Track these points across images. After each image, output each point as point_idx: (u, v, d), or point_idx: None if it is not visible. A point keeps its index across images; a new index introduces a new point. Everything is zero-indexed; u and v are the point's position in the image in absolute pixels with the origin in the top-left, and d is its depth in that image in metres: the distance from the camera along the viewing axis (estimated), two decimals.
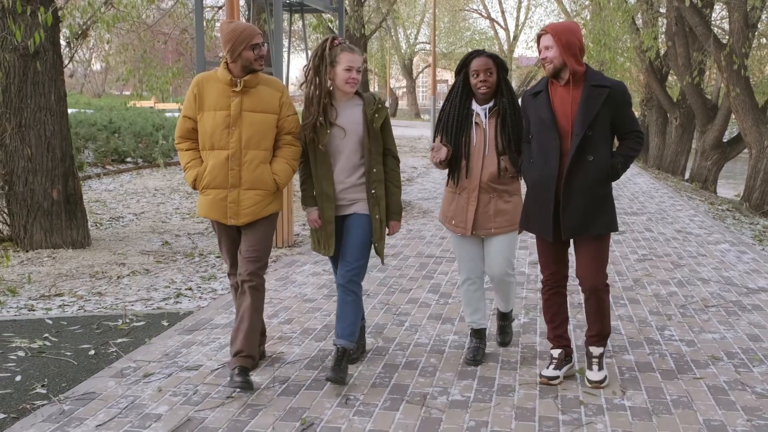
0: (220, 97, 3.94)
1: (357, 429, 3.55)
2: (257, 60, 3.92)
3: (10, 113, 7.42)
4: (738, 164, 28.22)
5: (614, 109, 3.89)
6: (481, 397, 3.94)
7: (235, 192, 3.97)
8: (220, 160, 3.94)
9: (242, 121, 3.93)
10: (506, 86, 4.20)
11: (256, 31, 3.91)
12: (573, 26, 3.90)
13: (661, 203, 11.72)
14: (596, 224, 3.94)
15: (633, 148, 3.97)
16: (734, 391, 4.03)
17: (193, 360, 4.50)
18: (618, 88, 3.88)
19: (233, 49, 3.87)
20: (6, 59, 7.28)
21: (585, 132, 3.83)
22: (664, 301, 5.83)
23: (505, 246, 4.28)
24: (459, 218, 4.29)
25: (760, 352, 4.64)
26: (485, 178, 4.20)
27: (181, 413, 3.74)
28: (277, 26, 9.66)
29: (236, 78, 3.93)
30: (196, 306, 5.76)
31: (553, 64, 3.86)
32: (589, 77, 3.90)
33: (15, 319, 5.39)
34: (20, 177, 7.51)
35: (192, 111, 4.01)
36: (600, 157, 3.88)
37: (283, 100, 4.04)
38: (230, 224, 4.04)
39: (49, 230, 7.57)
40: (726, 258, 7.45)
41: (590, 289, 4.03)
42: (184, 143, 4.08)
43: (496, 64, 4.17)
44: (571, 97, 3.89)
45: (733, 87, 15.16)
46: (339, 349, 4.06)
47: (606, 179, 3.92)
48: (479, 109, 4.20)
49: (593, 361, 4.14)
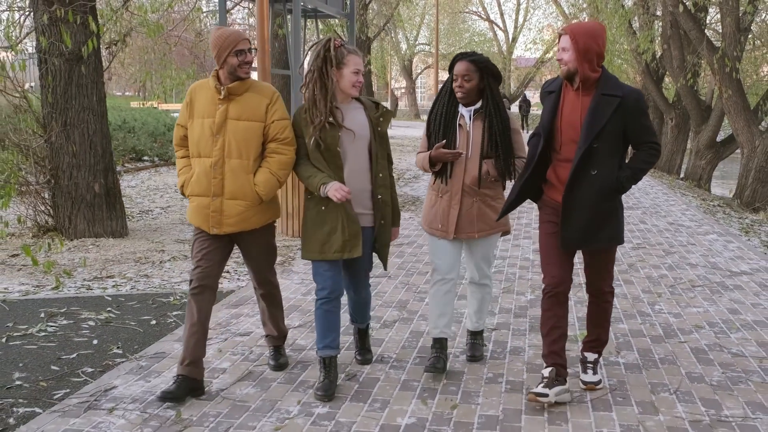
0: (208, 105, 3.91)
1: (393, 379, 4.22)
2: (241, 66, 3.86)
3: (56, 113, 8.07)
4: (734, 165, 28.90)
5: (627, 119, 3.70)
6: (496, 356, 4.61)
7: (217, 201, 3.90)
8: (205, 168, 3.91)
9: (226, 129, 3.87)
10: (490, 91, 4.09)
11: (241, 36, 3.86)
12: (595, 29, 3.68)
13: (655, 198, 12.41)
14: (599, 238, 3.81)
15: (645, 160, 3.77)
16: (713, 351, 4.71)
17: (244, 328, 5.17)
18: (631, 97, 3.68)
19: (219, 55, 3.84)
20: (54, 64, 7.93)
21: (590, 144, 3.68)
22: (656, 282, 6.50)
23: (486, 250, 4.29)
24: (441, 222, 4.21)
25: (738, 322, 5.32)
26: (468, 181, 4.14)
27: (243, 367, 4.40)
28: (296, 32, 10.31)
29: (223, 85, 3.89)
30: (236, 286, 6.42)
31: (567, 67, 3.71)
32: (601, 84, 3.70)
33: (77, 296, 6.06)
34: (65, 172, 8.16)
35: (184, 119, 4.01)
36: (605, 171, 3.73)
37: (270, 106, 3.93)
38: (213, 233, 3.95)
39: (92, 221, 8.23)
40: (713, 246, 8.13)
41: (594, 292, 4.01)
42: (180, 150, 4.09)
43: (479, 68, 4.05)
44: (580, 105, 3.74)
45: (725, 89, 15.83)
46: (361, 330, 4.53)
47: (611, 193, 3.77)
48: (464, 111, 4.13)
49: (588, 365, 4.11)
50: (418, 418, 3.71)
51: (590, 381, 4.07)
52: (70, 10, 7.35)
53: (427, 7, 48.07)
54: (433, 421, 3.67)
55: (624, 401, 3.92)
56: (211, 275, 3.93)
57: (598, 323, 4.08)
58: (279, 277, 6.61)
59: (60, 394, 4.03)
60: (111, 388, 4.08)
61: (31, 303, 5.83)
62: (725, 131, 22.11)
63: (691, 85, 19.22)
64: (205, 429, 3.57)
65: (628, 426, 3.62)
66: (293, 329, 5.12)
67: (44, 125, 8.19)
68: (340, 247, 3.90)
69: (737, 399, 3.95)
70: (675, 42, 19.25)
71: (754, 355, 4.62)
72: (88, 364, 4.50)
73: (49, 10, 7.70)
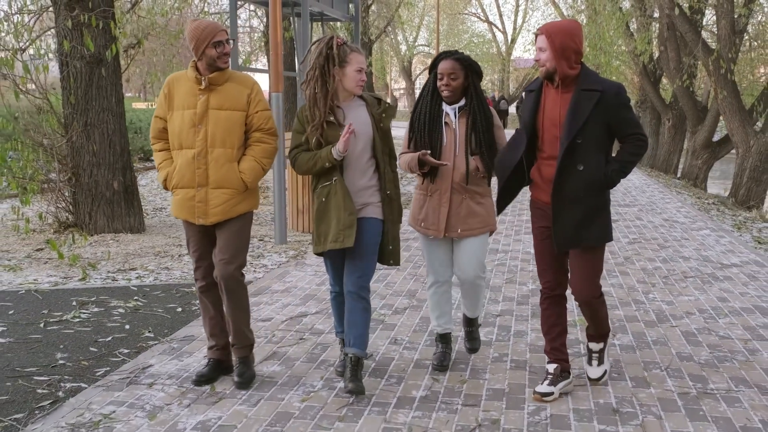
0: (187, 96, 3.92)
1: (407, 358, 4.59)
2: (220, 57, 3.88)
3: (77, 114, 8.43)
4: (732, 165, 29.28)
5: (608, 113, 3.69)
6: (501, 338, 4.98)
7: (202, 191, 3.93)
8: (187, 159, 3.91)
9: (208, 119, 3.89)
10: (474, 89, 4.13)
11: (219, 28, 3.88)
12: (570, 27, 3.69)
13: (651, 196, 12.78)
14: (589, 236, 3.80)
15: (632, 152, 3.76)
16: (702, 334, 5.07)
17: (265, 314, 5.53)
18: (611, 91, 3.68)
19: (197, 47, 3.85)
20: (75, 66, 8.29)
21: (573, 140, 3.68)
22: (650, 273, 6.87)
23: (477, 248, 4.23)
24: (431, 220, 4.21)
25: (726, 309, 5.68)
26: (456, 179, 4.15)
27: (267, 348, 4.76)
28: (305, 34, 10.66)
29: (202, 76, 3.91)
30: (253, 277, 6.78)
31: (545, 67, 3.71)
32: (581, 80, 3.71)
33: (104, 287, 6.42)
34: (85, 170, 8.52)
35: (162, 111, 4.00)
36: (592, 166, 3.72)
37: (251, 97, 3.97)
38: (199, 224, 3.99)
39: (111, 217, 8.59)
40: (706, 241, 8.50)
41: (583, 302, 3.95)
42: (157, 143, 4.08)
43: (464, 67, 4.09)
44: (561, 102, 3.74)
45: (720, 90, 16.20)
46: (352, 359, 3.97)
47: (599, 189, 3.77)
48: (449, 109, 4.14)
49: (593, 356, 4.15)
50: (431, 391, 4.07)
51: (595, 377, 4.12)
52: (93, 15, 7.71)
53: (426, 9, 48.41)
54: (445, 394, 4.03)
55: (619, 377, 4.28)
56: (211, 270, 4.08)
57: (595, 320, 4.05)
58: (294, 269, 6.98)
59: (101, 372, 4.40)
60: (147, 367, 4.44)
61: (61, 293, 6.19)
62: (721, 131, 22.51)
63: (687, 86, 19.59)
64: (238, 401, 3.93)
65: (623, 397, 3.98)
66: (311, 315, 5.48)
67: (65, 125, 8.55)
68: (334, 236, 3.86)
69: (722, 375, 4.32)
70: (671, 44, 19.62)
71: (740, 338, 4.99)
72: (123, 346, 4.86)
73: (71, 15, 8.06)
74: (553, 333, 4.01)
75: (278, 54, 7.92)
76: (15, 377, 4.29)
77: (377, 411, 3.80)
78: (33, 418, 3.75)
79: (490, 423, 3.67)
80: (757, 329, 5.17)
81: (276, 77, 7.91)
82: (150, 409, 3.83)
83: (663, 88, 25.62)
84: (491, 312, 5.58)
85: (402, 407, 3.85)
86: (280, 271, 6.96)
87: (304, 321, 5.35)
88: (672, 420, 3.70)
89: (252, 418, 3.71)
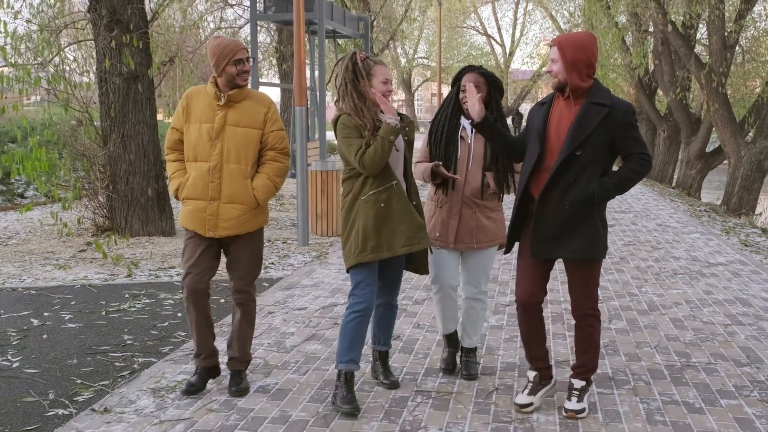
0: (206, 110, 4.00)
1: (430, 339, 5.27)
2: (240, 75, 3.96)
3: (115, 126, 9.13)
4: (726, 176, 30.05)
5: (613, 131, 3.66)
6: (511, 324, 5.66)
7: (214, 204, 3.99)
8: (202, 172, 3.98)
9: (225, 134, 3.97)
10: (496, 105, 4.20)
11: (240, 46, 3.96)
12: (583, 40, 3.68)
13: (646, 204, 13.50)
14: (570, 247, 3.75)
15: (634, 170, 3.71)
16: (687, 320, 5.76)
17: (299, 304, 6.21)
18: (620, 108, 3.66)
19: (218, 63, 3.94)
20: (114, 83, 9.00)
21: (572, 151, 3.66)
22: (643, 271, 7.57)
23: (483, 261, 4.32)
24: (441, 231, 4.29)
25: (710, 300, 6.38)
26: (467, 192, 4.21)
27: (307, 331, 5.45)
28: (321, 51, 11.38)
29: (222, 92, 4.01)
30: (283, 274, 7.47)
31: (557, 79, 3.72)
32: (591, 94, 3.69)
33: (150, 282, 7.10)
34: (122, 178, 9.22)
35: (180, 123, 4.07)
36: (585, 179, 3.69)
37: (268, 116, 4.06)
38: (208, 236, 4.04)
39: (145, 221, 9.28)
40: (695, 243, 9.20)
41: (577, 314, 3.90)
42: (172, 154, 4.14)
43: (488, 82, 4.17)
44: (569, 113, 3.73)
45: (712, 103, 16.94)
46: (382, 353, 4.38)
47: (587, 202, 3.70)
48: (466, 123, 4.22)
49: (573, 392, 3.95)
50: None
51: (572, 409, 3.90)
52: (134, 36, 8.43)
53: (426, 23, 49.24)
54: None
55: (614, 353, 4.97)
56: (201, 281, 4.08)
57: (584, 348, 3.94)
58: (319, 267, 7.67)
59: (166, 350, 5.08)
60: None
61: (113, 287, 6.88)
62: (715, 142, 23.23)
63: (681, 99, 20.33)
64: (289, 371, 4.61)
65: (617, 368, 4.67)
66: (341, 305, 6.16)
67: (104, 137, 9.25)
68: (407, 240, 3.91)
69: (704, 351, 5.00)
70: (666, 58, 20.38)
71: (721, 323, 5.68)
72: (180, 330, 5.54)
73: (111, 35, 8.78)
74: (531, 344, 4.00)
75: (302, 71, 8.63)
76: (93, 353, 4.98)
77: (409, 378, 4.48)
78: (117, 384, 4.43)
79: (504, 387, 4.35)
80: (737, 316, 5.85)
81: (300, 92, 8.61)
82: (215, 378, 4.51)
83: (658, 100, 26.34)
84: (501, 302, 6.27)
85: (429, 376, 4.53)
86: (306, 269, 7.65)
87: (336, 309, 6.03)
88: (659, 385, 4.38)
89: (304, 384, 4.39)
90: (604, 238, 3.80)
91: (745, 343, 5.18)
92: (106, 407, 4.03)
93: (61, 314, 5.94)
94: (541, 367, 4.03)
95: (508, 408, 4.04)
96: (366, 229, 3.90)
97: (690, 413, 3.96)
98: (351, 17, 14.23)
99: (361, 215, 3.92)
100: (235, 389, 4.20)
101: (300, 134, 8.65)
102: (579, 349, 3.97)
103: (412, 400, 4.15)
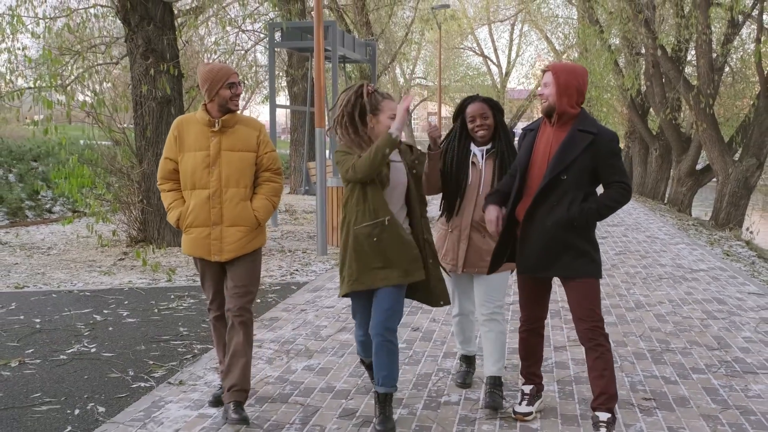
0: (199, 138, 4.01)
1: (446, 330, 6.08)
2: (232, 99, 4.00)
3: (149, 146, 9.98)
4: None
5: (598, 157, 3.72)
6: (514, 321, 6.49)
7: (217, 229, 4.03)
8: (202, 199, 4.01)
9: (221, 160, 4.00)
10: (503, 128, 4.29)
11: (232, 70, 4.00)
12: (576, 68, 3.76)
13: (637, 218, 14.37)
14: (556, 266, 3.80)
15: (613, 198, 3.72)
16: (669, 315, 6.59)
17: (327, 303, 7.03)
18: (604, 137, 3.72)
19: (210, 88, 3.96)
20: (150, 106, 9.86)
21: (557, 174, 3.72)
22: (632, 276, 8.41)
23: (495, 285, 4.30)
24: (450, 255, 4.37)
25: (690, 300, 7.22)
26: (476, 218, 4.27)
27: (338, 325, 6.26)
28: (334, 76, 12.26)
29: (214, 118, 4.01)
30: (308, 279, 8.29)
31: (548, 102, 3.77)
32: (578, 121, 3.76)
33: (189, 286, 7.92)
34: (155, 193, 10.05)
35: (173, 153, 4.08)
36: (567, 202, 3.74)
37: (260, 139, 4.10)
38: (214, 260, 4.09)
39: (177, 233, 10.10)
40: (681, 253, 10.06)
41: (583, 338, 3.81)
42: (166, 184, 4.15)
43: (491, 107, 4.25)
44: (554, 139, 3.80)
45: (700, 123, 17.85)
46: (380, 396, 3.99)
47: (567, 224, 3.75)
48: (477, 150, 4.29)
49: (600, 426, 3.78)
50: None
51: None
52: (171, 65, 9.30)
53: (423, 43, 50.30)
54: (481, 350, 5.52)
55: None
56: (223, 303, 4.26)
57: (599, 373, 3.79)
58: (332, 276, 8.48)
59: None
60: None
61: (157, 290, 7.69)
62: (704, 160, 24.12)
63: (671, 119, 21.25)
64: (327, 354, 5.42)
65: None
66: None
67: (138, 156, 10.10)
68: (402, 272, 3.89)
69: (681, 339, 5.83)
70: (656, 80, 21.32)
71: (698, 318, 6.51)
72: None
73: (147, 63, 9.64)
74: (529, 360, 4.20)
75: (321, 95, 9.50)
76: (156, 341, 5.79)
77: (431, 360, 5.30)
78: (183, 365, 5.23)
79: (517, 362, 5.17)
80: (713, 313, 6.69)
81: (320, 114, 9.47)
82: (267, 359, 5.32)
83: (651, 119, 27.22)
84: (509, 302, 7.08)
85: (448, 357, 5.35)
86: (328, 274, 8.48)
87: None
88: (641, 364, 5.20)
89: (342, 363, 5.20)
90: (593, 257, 3.81)
91: (717, 333, 6.01)
92: (180, 380, 4.84)
93: (118, 311, 6.75)
94: (536, 381, 4.24)
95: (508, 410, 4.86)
96: (357, 259, 3.93)
97: (666, 384, 4.78)
98: (359, 43, 15.13)
99: (351, 246, 3.95)
100: (238, 417, 3.99)
101: (319, 153, 9.51)
102: (594, 377, 3.82)
103: (435, 375, 4.96)
